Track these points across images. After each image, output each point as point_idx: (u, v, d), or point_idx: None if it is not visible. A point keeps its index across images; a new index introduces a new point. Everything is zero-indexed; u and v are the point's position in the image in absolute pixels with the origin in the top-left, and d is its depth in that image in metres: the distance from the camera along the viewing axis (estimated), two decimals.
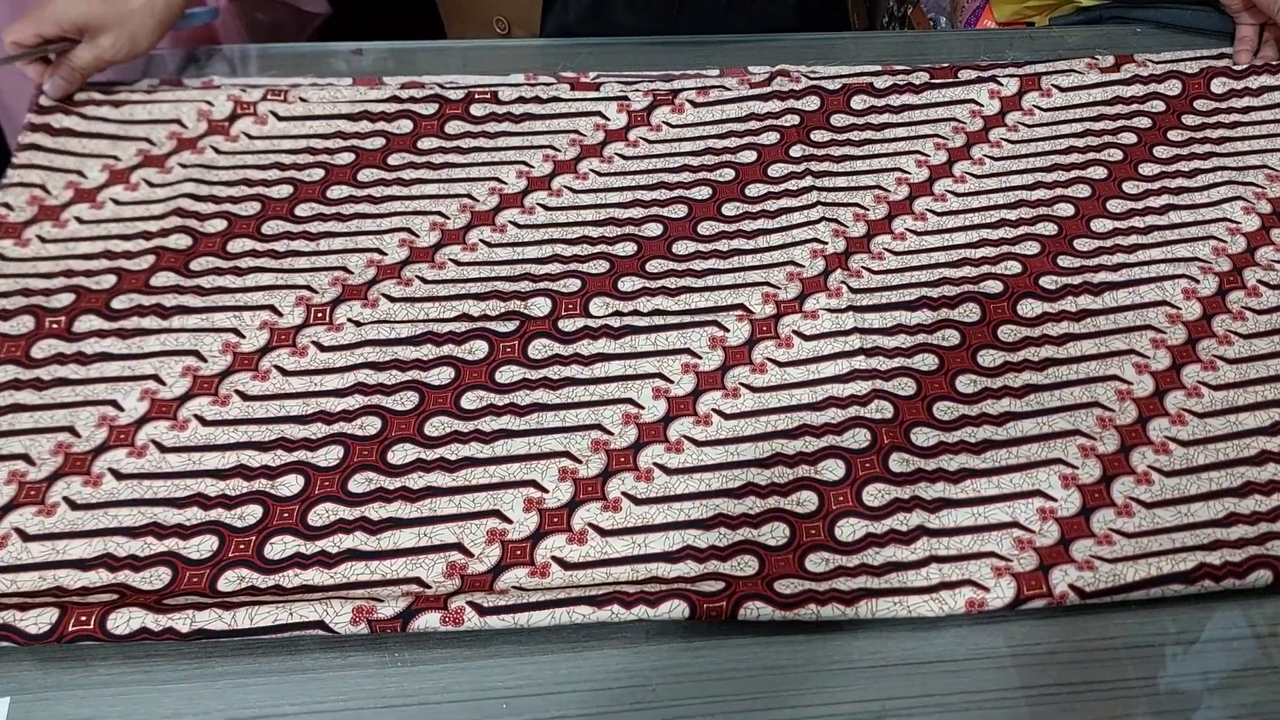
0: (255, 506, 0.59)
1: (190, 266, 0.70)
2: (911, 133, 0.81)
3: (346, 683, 0.53)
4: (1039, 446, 0.62)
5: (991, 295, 0.69)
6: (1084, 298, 0.69)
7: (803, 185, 0.77)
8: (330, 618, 0.53)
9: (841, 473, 0.60)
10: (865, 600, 0.54)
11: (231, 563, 0.56)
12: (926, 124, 0.82)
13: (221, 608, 0.53)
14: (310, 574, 0.56)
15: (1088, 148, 0.80)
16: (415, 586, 0.56)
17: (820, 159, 0.79)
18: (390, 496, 0.59)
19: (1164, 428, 0.63)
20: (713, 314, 0.68)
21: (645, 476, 0.61)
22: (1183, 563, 0.55)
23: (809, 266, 0.71)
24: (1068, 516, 0.58)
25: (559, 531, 0.58)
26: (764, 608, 0.54)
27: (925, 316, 0.68)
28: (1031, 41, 0.94)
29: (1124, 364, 0.66)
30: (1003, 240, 0.73)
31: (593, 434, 0.62)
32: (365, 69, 0.87)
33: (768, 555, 0.57)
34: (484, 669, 0.53)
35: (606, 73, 0.85)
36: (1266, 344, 0.67)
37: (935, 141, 0.80)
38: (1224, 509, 0.59)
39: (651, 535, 0.58)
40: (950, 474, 0.60)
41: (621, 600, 0.53)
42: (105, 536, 0.57)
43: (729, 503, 0.59)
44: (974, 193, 0.77)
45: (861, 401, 0.64)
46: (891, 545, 0.57)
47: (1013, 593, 0.55)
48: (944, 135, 0.81)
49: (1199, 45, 0.91)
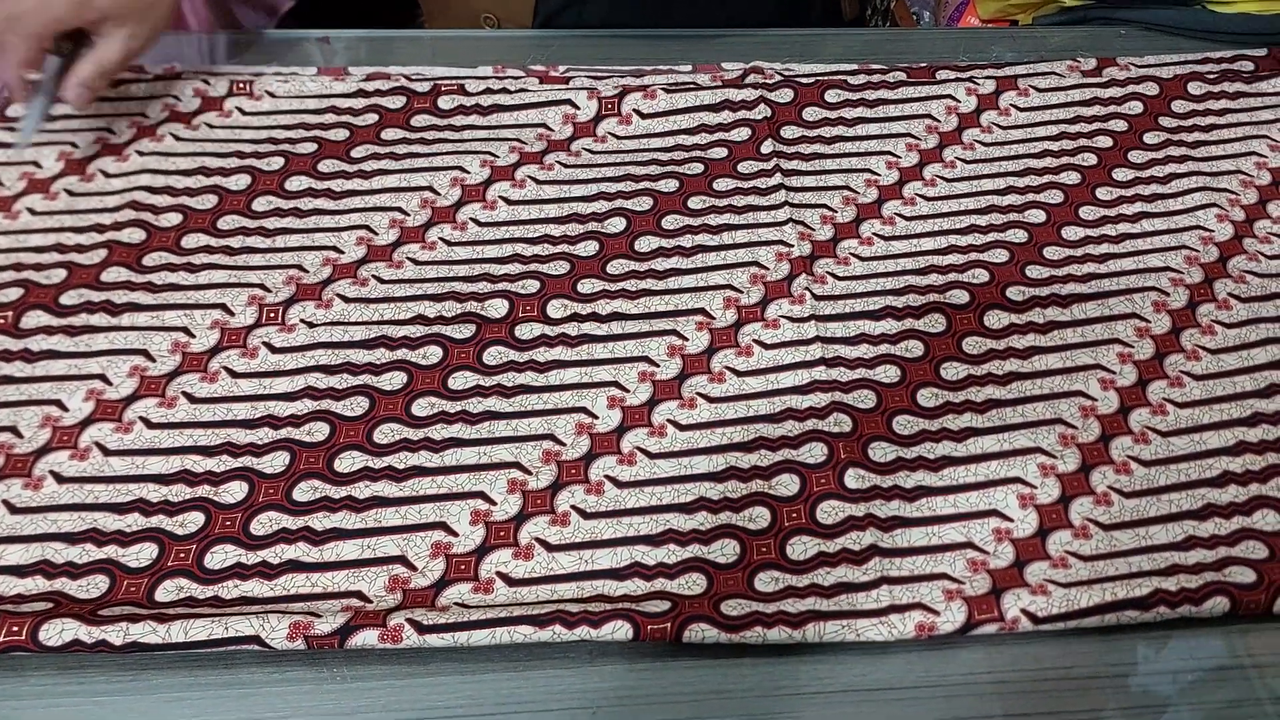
0: (197, 513, 0.58)
1: (143, 262, 0.69)
2: (884, 130, 0.80)
3: (284, 699, 0.52)
4: (999, 464, 0.61)
5: (958, 306, 0.68)
6: (1052, 309, 0.68)
7: (771, 184, 0.75)
8: (266, 633, 0.51)
9: (796, 488, 0.59)
10: (813, 623, 0.53)
11: (170, 572, 0.55)
12: (900, 120, 0.80)
13: (156, 620, 0.52)
14: (250, 585, 0.55)
15: (1062, 151, 0.78)
16: (356, 601, 0.55)
17: (790, 156, 0.77)
18: (335, 506, 0.58)
19: (1126, 446, 0.62)
20: (672, 319, 0.67)
21: (596, 489, 0.59)
22: (1138, 588, 0.54)
23: (773, 270, 0.70)
24: (1024, 538, 0.57)
25: (505, 546, 0.57)
26: (709, 630, 0.53)
27: (889, 326, 0.67)
28: (1014, 41, 0.92)
29: (1089, 379, 0.65)
30: (971, 247, 0.72)
31: (544, 444, 0.61)
32: (334, 57, 0.85)
33: (716, 574, 0.56)
34: (424, 687, 0.53)
35: (576, 67, 0.84)
36: (1235, 359, 0.66)
37: (907, 142, 0.79)
38: (1183, 532, 0.58)
39: (599, 551, 0.57)
40: (906, 491, 0.59)
41: (564, 620, 0.52)
42: (44, 542, 0.56)
43: (680, 518, 0.58)
44: (945, 196, 0.75)
45: (820, 414, 0.62)
46: (843, 565, 0.56)
47: (964, 617, 0.54)
48: (917, 135, 0.79)
49: (1184, 47, 0.89)
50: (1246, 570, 0.55)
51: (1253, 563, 0.56)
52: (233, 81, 0.80)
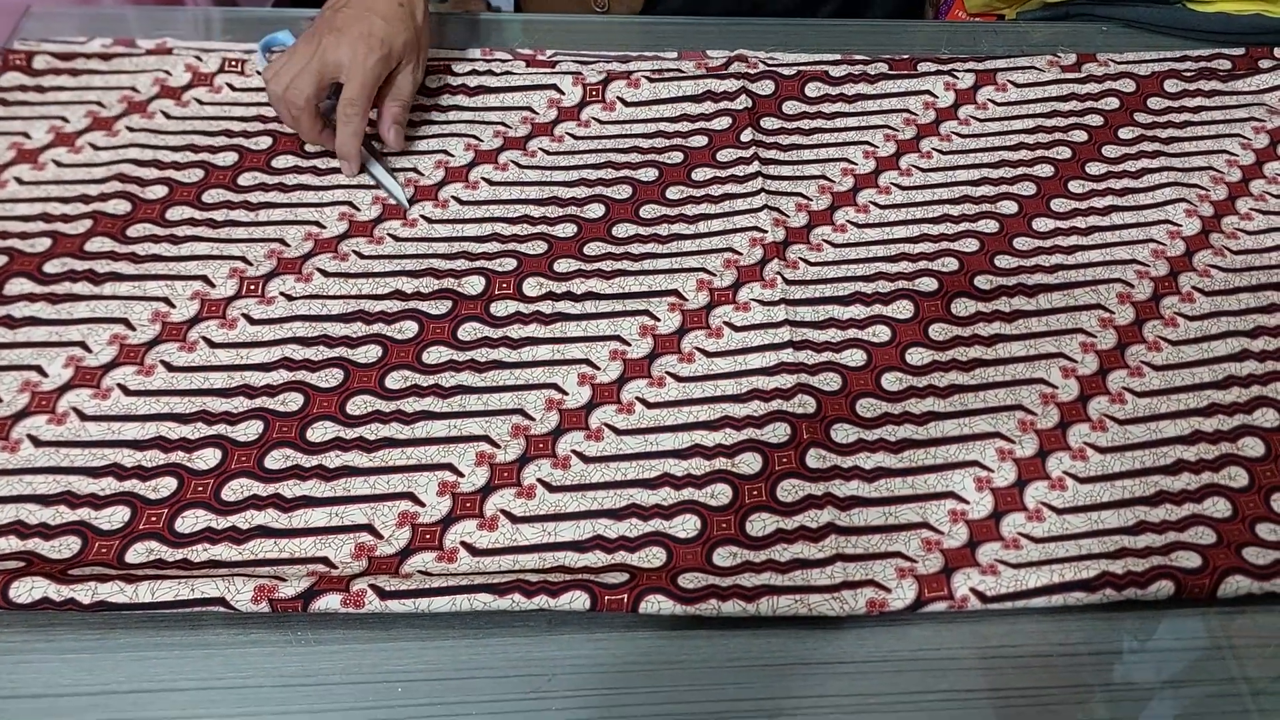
0: (170, 479, 0.59)
1: (127, 233, 0.70)
2: (862, 123, 0.81)
3: (247, 660, 0.53)
4: (958, 448, 0.62)
5: (926, 293, 0.69)
6: (1018, 299, 0.69)
7: (749, 171, 0.76)
8: (232, 595, 0.53)
9: (758, 467, 0.60)
10: (767, 597, 0.54)
11: (141, 535, 0.57)
12: (878, 114, 0.81)
13: (124, 580, 0.53)
14: (219, 549, 0.56)
15: (1038, 144, 0.79)
16: (322, 566, 0.56)
17: (768, 146, 0.78)
18: (306, 474, 0.59)
19: (1084, 433, 0.63)
20: (645, 299, 0.68)
21: (562, 464, 0.61)
22: (1086, 570, 0.55)
23: (746, 255, 0.71)
24: (978, 519, 0.59)
25: (470, 517, 0.58)
26: (665, 602, 0.54)
27: (857, 311, 0.68)
28: (998, 35, 0.93)
29: (1051, 367, 0.66)
30: (943, 236, 0.73)
31: (514, 419, 0.62)
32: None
33: (676, 548, 0.57)
34: (384, 652, 0.54)
35: (563, 51, 0.85)
36: (1195, 351, 0.67)
37: (885, 133, 0.80)
38: (1134, 517, 0.59)
39: (562, 524, 0.58)
40: (866, 472, 0.60)
41: (523, 589, 0.53)
42: (18, 504, 0.57)
43: (643, 493, 0.59)
44: (919, 186, 0.76)
45: (785, 395, 0.64)
46: (800, 542, 0.57)
47: (914, 594, 0.55)
48: (894, 127, 0.80)
49: (1164, 45, 0.90)
50: (1193, 555, 0.56)
51: (1199, 548, 0.57)
52: (224, 59, 0.81)
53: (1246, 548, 0.57)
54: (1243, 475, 0.61)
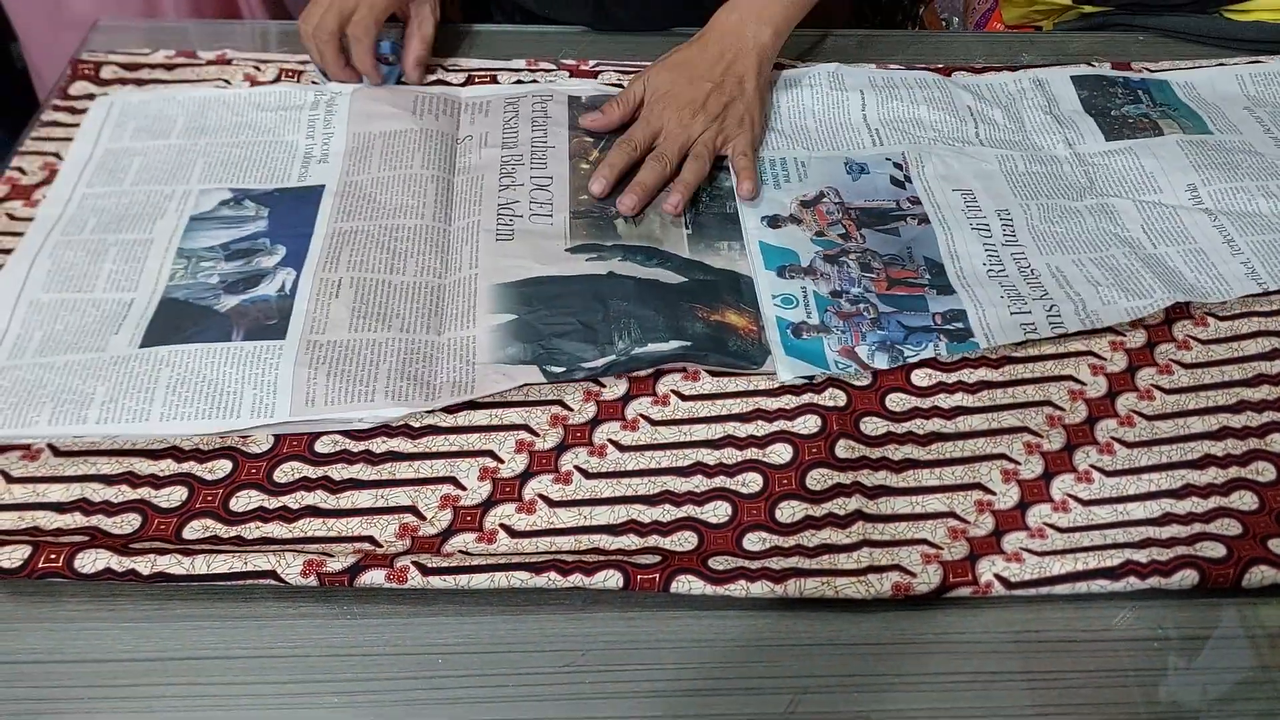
0: (225, 461, 0.62)
1: None
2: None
3: (296, 631, 0.56)
4: (985, 441, 0.63)
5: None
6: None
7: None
8: (283, 569, 0.55)
9: (788, 457, 0.62)
10: (794, 579, 0.56)
11: (198, 513, 0.59)
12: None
13: (182, 554, 0.56)
14: (271, 527, 0.59)
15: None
16: (368, 545, 0.58)
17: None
18: (353, 459, 0.62)
19: (1111, 428, 0.64)
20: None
21: (599, 452, 0.63)
22: (1110, 558, 0.56)
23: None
24: (1004, 510, 0.60)
25: (509, 501, 0.60)
26: (696, 582, 0.55)
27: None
28: (1036, 45, 0.94)
29: (1080, 365, 0.67)
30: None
31: (553, 409, 0.65)
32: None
33: (707, 532, 0.59)
34: (427, 626, 0.56)
35: (606, 61, 0.88)
36: (1224, 350, 0.68)
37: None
38: (1160, 509, 0.60)
39: (598, 508, 0.60)
40: (894, 463, 0.62)
41: (559, 568, 0.56)
42: (83, 483, 0.61)
43: (676, 480, 0.61)
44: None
45: (817, 390, 0.65)
46: (828, 528, 0.59)
47: (939, 579, 0.56)
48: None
49: (1200, 54, 0.91)
50: (1218, 545, 0.57)
51: (1224, 539, 0.57)
52: (281, 69, 0.85)
53: (1272, 539, 0.58)
54: (1270, 470, 0.61)
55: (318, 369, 0.65)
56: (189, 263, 0.72)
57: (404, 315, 0.69)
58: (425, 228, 0.75)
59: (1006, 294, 0.71)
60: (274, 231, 0.74)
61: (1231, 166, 0.80)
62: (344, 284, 0.70)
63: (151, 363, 0.65)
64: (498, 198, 0.77)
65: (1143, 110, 0.84)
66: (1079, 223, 0.76)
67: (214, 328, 0.67)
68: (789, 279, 0.72)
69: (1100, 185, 0.80)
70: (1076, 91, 0.87)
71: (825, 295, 0.70)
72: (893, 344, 0.67)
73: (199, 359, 0.65)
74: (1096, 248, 0.74)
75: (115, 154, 0.80)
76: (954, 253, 0.74)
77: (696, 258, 0.74)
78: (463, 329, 0.68)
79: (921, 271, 0.73)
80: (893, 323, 0.69)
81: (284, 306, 0.69)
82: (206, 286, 0.70)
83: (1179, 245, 0.75)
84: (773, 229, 0.75)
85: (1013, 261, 0.73)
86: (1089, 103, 0.85)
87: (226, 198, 0.76)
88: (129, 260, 0.72)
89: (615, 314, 0.68)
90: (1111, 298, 0.70)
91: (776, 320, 0.69)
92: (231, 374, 0.65)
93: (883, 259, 0.73)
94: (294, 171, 0.79)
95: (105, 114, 0.82)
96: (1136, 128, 0.83)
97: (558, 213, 0.76)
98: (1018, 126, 0.84)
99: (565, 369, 0.66)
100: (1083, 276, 0.72)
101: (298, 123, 0.82)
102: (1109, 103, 0.85)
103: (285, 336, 0.67)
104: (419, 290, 0.71)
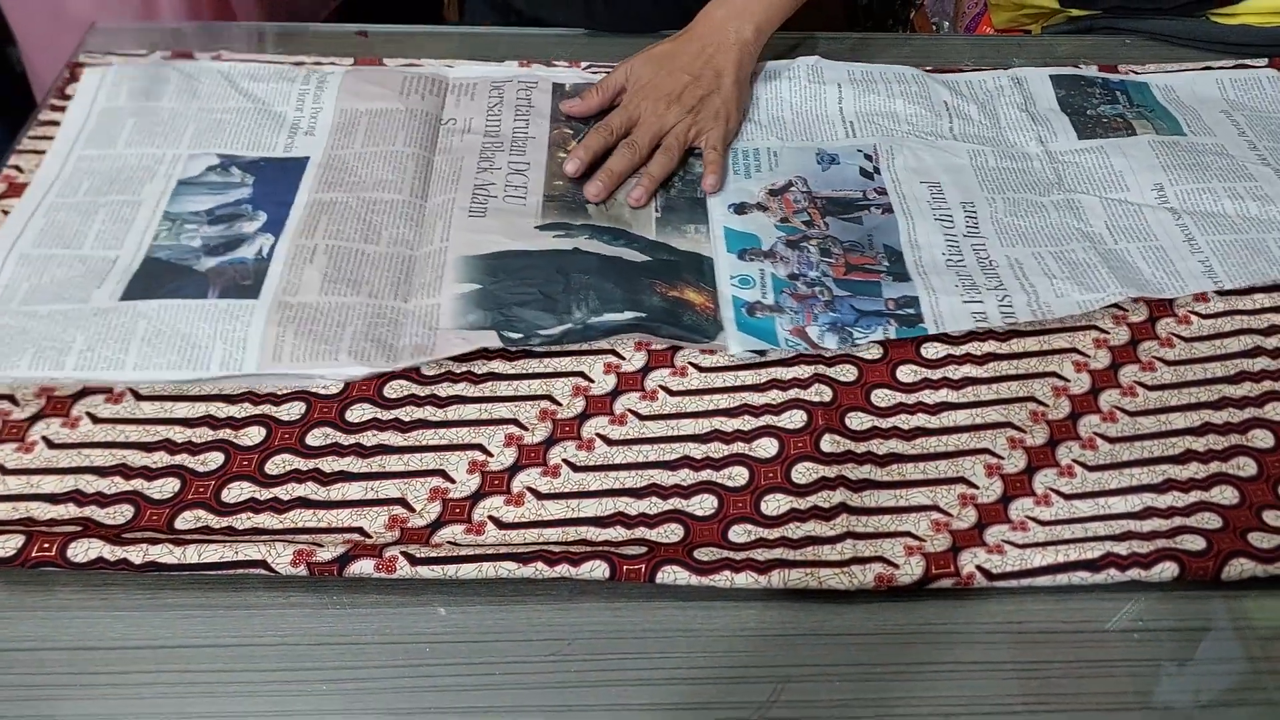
0: (218, 454, 0.62)
1: None
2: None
3: (286, 620, 0.56)
4: (969, 436, 0.64)
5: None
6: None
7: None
8: (273, 558, 0.56)
9: (774, 451, 0.63)
10: (778, 570, 0.56)
11: (190, 504, 0.60)
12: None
13: (174, 543, 0.57)
14: (262, 518, 0.60)
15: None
16: (357, 535, 0.59)
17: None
18: (344, 451, 0.63)
19: (1094, 424, 0.64)
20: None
21: (587, 446, 0.63)
22: (1090, 551, 0.57)
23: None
24: (987, 503, 0.60)
25: (498, 493, 0.61)
26: (681, 572, 0.56)
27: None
28: (1024, 48, 0.95)
29: (1064, 362, 0.68)
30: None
31: (542, 404, 0.65)
32: (370, 50, 0.90)
33: (694, 524, 0.60)
34: (415, 615, 0.57)
35: (597, 64, 0.88)
36: (1207, 347, 0.69)
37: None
38: (1142, 504, 0.60)
39: (586, 501, 0.61)
40: (878, 457, 0.63)
41: (546, 558, 0.56)
42: (76, 474, 0.61)
43: (663, 474, 0.62)
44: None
45: (803, 385, 0.66)
46: (812, 521, 0.59)
47: (921, 571, 0.57)
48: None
49: (1187, 57, 0.92)
50: (1197, 539, 0.58)
51: (1204, 532, 0.58)
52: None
53: (1251, 532, 0.58)
54: (1251, 465, 0.62)
55: (286, 327, 0.67)
56: (174, 224, 0.74)
57: (373, 282, 0.71)
58: (402, 202, 0.77)
59: (961, 283, 0.72)
60: (257, 198, 0.77)
61: (1201, 168, 0.81)
62: (319, 250, 0.73)
63: (130, 315, 0.68)
64: (475, 179, 0.79)
65: (1118, 110, 0.85)
66: (1043, 217, 0.77)
67: (191, 285, 0.70)
68: (749, 261, 0.74)
69: (1069, 182, 0.81)
70: (1054, 90, 0.88)
71: (783, 278, 0.72)
72: (843, 326, 0.69)
73: (175, 313, 0.68)
74: (1058, 242, 0.75)
75: (110, 113, 0.82)
76: (914, 242, 0.76)
77: (663, 240, 0.76)
78: (429, 297, 0.70)
79: (880, 259, 0.74)
80: (845, 306, 0.70)
81: (260, 269, 0.71)
82: (188, 248, 0.73)
83: (1140, 242, 0.75)
84: (738, 215, 0.77)
85: (973, 252, 0.75)
86: (1065, 102, 0.86)
87: (214, 164, 0.79)
88: (117, 221, 0.74)
89: (576, 286, 0.70)
90: (1065, 290, 0.71)
91: (732, 298, 0.71)
92: (205, 329, 0.67)
93: (843, 245, 0.75)
94: (280, 142, 0.81)
95: (100, 78, 0.85)
96: (1110, 127, 0.84)
97: (531, 195, 0.78)
98: (992, 122, 0.85)
99: (522, 335, 0.67)
100: (1040, 269, 0.73)
101: (288, 95, 0.85)
102: (1085, 102, 0.86)
103: (258, 296, 0.69)
104: (391, 260, 0.73)
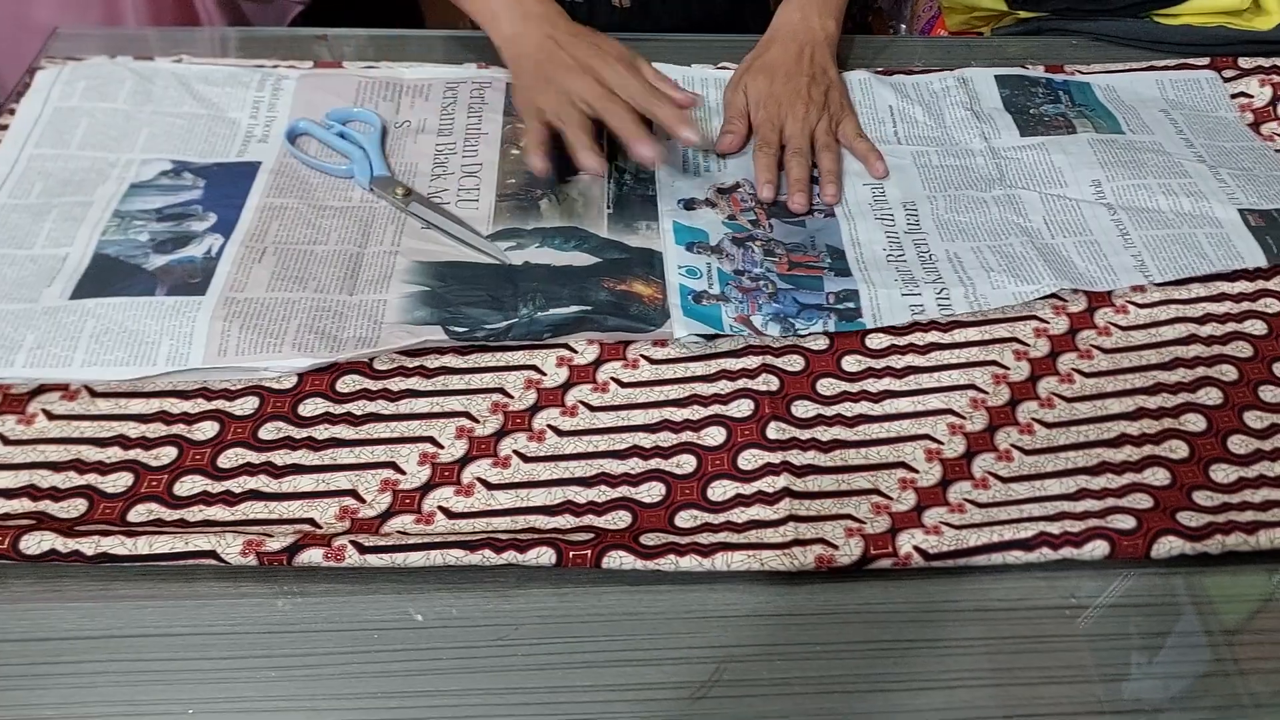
0: (171, 448, 0.63)
1: None
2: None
3: (237, 610, 0.57)
4: (910, 423, 0.65)
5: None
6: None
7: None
8: (223, 549, 0.57)
9: (722, 438, 0.64)
10: (722, 553, 0.58)
11: (143, 497, 0.61)
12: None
13: (125, 535, 0.57)
14: (214, 510, 0.60)
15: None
16: (308, 526, 0.60)
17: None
18: (297, 444, 0.64)
19: (1032, 410, 0.66)
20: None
21: (538, 437, 0.65)
22: (1024, 531, 0.58)
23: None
24: (926, 487, 0.62)
25: (448, 484, 0.62)
26: (626, 557, 0.57)
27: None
28: (974, 50, 0.97)
29: (1005, 351, 0.69)
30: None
31: (494, 396, 0.66)
32: (338, 54, 0.91)
33: (641, 511, 0.61)
34: (364, 603, 0.58)
35: None
36: (1143, 335, 0.71)
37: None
38: (1075, 485, 0.62)
39: (535, 490, 0.62)
40: (822, 443, 0.64)
41: (493, 545, 0.57)
42: (31, 470, 0.62)
43: (613, 463, 0.63)
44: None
45: (751, 375, 0.67)
46: (756, 505, 0.61)
47: (860, 551, 0.58)
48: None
49: (1131, 57, 0.94)
50: (1128, 518, 0.59)
51: (1135, 511, 0.60)
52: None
53: (1181, 512, 0.60)
54: (1183, 448, 0.64)
55: (231, 322, 0.69)
56: (122, 220, 0.75)
57: (320, 278, 0.72)
58: (352, 209, 0.78)
59: (901, 277, 0.74)
60: (207, 200, 0.77)
61: (1137, 165, 0.82)
62: (269, 250, 0.74)
63: (79, 314, 0.69)
64: (429, 186, 0.80)
65: (1060, 110, 0.87)
66: (984, 212, 0.79)
67: (140, 284, 0.71)
68: (696, 254, 0.75)
69: (1010, 177, 0.82)
70: (999, 90, 0.89)
71: (729, 273, 0.74)
72: (785, 317, 0.71)
73: (123, 311, 0.69)
74: (997, 236, 0.77)
75: (63, 113, 0.83)
76: (856, 240, 0.77)
77: (615, 237, 0.77)
78: (375, 293, 0.71)
79: (823, 257, 0.76)
80: (789, 298, 0.72)
81: (208, 268, 0.73)
82: (136, 244, 0.74)
83: (1075, 236, 0.77)
84: (687, 210, 0.79)
85: (914, 247, 0.77)
86: (1010, 101, 0.88)
87: (167, 168, 0.79)
88: (68, 220, 0.75)
89: (524, 291, 0.71)
90: (1001, 282, 0.73)
91: (679, 287, 0.72)
92: (151, 325, 0.68)
93: (786, 246, 0.77)
94: (234, 148, 0.82)
95: (55, 76, 0.85)
96: (1051, 125, 0.86)
97: (484, 197, 0.79)
98: (938, 122, 0.87)
99: (468, 329, 0.69)
100: (978, 263, 0.75)
101: (242, 101, 0.85)
102: (1029, 101, 0.88)
103: (205, 293, 0.71)
104: (339, 257, 0.74)
